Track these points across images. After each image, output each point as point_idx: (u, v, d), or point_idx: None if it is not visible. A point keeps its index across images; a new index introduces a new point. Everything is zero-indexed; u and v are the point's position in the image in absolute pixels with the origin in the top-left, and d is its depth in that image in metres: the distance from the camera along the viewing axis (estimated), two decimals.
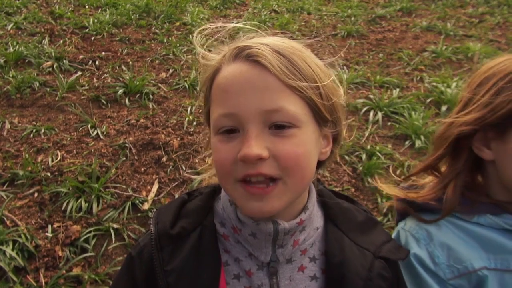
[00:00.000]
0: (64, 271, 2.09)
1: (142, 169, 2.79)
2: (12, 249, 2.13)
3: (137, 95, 3.67)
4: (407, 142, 3.20)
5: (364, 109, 3.56)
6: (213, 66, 0.76)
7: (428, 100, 3.74)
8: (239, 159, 0.68)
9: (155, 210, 0.88)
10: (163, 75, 4.10)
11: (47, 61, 4.10)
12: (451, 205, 0.91)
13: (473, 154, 0.92)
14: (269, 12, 6.24)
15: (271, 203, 0.70)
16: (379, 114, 3.48)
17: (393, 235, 1.04)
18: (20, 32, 4.76)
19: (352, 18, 6.01)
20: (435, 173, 0.99)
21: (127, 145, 2.96)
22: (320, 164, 0.84)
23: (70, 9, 5.57)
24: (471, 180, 0.95)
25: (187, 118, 3.30)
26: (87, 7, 5.70)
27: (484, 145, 0.90)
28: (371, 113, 3.50)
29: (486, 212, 0.90)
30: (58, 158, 2.81)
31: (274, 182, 0.70)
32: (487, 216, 0.89)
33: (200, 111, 3.47)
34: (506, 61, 0.91)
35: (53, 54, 4.19)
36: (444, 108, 3.59)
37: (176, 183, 2.71)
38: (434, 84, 4.04)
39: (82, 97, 3.60)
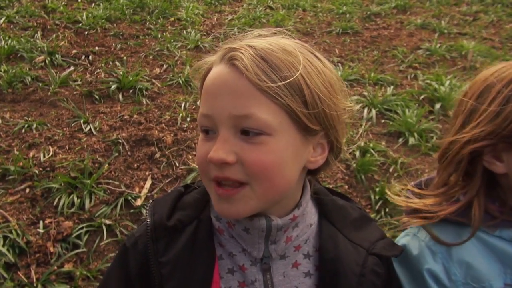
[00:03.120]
0: (55, 267, 2.08)
1: (135, 165, 2.78)
2: (3, 245, 2.11)
3: (131, 91, 3.64)
4: (400, 139, 3.21)
5: (358, 106, 3.55)
6: (207, 67, 0.77)
7: (422, 98, 3.75)
8: (207, 161, 0.70)
9: (151, 201, 0.89)
10: (157, 70, 4.07)
11: (40, 56, 4.05)
12: (479, 223, 0.85)
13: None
14: (264, 8, 6.22)
15: (236, 206, 0.71)
16: (373, 111, 3.48)
17: (401, 239, 1.00)
18: (12, 26, 4.70)
19: (347, 15, 6.01)
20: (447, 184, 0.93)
21: (120, 140, 2.94)
22: (313, 171, 0.82)
23: (63, 3, 5.50)
24: (494, 191, 0.89)
25: (180, 114, 3.29)
26: (80, 1, 5.64)
27: (494, 158, 0.84)
28: (365, 110, 3.51)
29: (510, 226, 0.85)
30: (50, 154, 2.78)
31: (242, 186, 0.70)
32: (511, 230, 0.85)
33: (194, 107, 3.46)
34: (505, 68, 0.86)
35: (45, 48, 4.14)
36: (437, 105, 3.61)
37: (169, 179, 2.70)
38: (428, 81, 4.05)
39: (75, 92, 3.56)
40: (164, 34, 4.91)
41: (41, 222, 2.29)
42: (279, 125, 0.69)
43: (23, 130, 3.03)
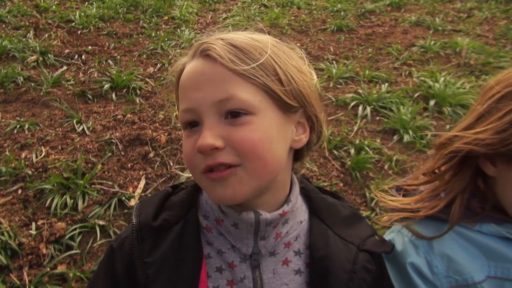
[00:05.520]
0: (48, 269, 2.05)
1: (129, 165, 2.76)
2: None
3: (124, 90, 3.62)
4: (395, 137, 3.21)
5: (353, 103, 3.56)
6: (179, 69, 0.79)
7: (416, 95, 3.75)
8: (196, 151, 0.70)
9: (138, 201, 0.88)
10: (151, 69, 4.05)
11: (32, 56, 4.01)
12: (458, 219, 0.86)
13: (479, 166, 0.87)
14: (258, 6, 6.20)
15: (232, 188, 0.70)
16: (368, 109, 3.48)
17: (387, 236, 1.01)
18: (4, 26, 4.66)
19: (342, 13, 6.00)
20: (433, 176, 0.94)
21: (113, 140, 2.91)
22: (299, 154, 0.84)
23: (55, 2, 5.46)
24: (475, 187, 0.90)
25: (174, 113, 3.27)
26: (73, 0, 5.60)
27: (488, 160, 0.84)
28: (360, 108, 3.50)
29: (489, 221, 0.86)
30: (43, 154, 2.75)
31: (234, 167, 0.70)
32: (490, 225, 0.86)
33: None
34: None
35: (38, 48, 4.11)
36: (432, 102, 3.61)
37: (163, 179, 2.68)
38: (423, 78, 4.05)
39: (68, 92, 3.53)
40: (158, 33, 4.89)
41: (33, 223, 2.26)
42: (260, 103, 0.71)
43: (15, 131, 3.00)
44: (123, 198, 2.48)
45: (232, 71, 0.70)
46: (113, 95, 3.54)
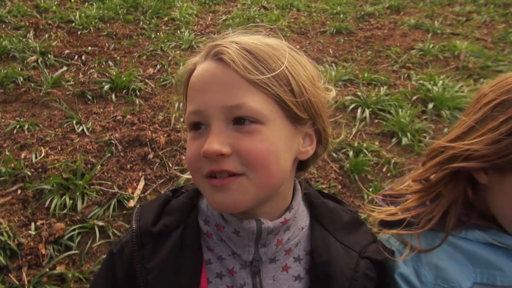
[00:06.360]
0: (47, 269, 2.06)
1: (128, 166, 2.76)
2: None
3: (124, 91, 3.63)
4: (393, 139, 3.22)
5: (352, 106, 3.57)
6: (190, 68, 0.77)
7: (415, 98, 3.76)
8: (201, 155, 0.68)
9: (138, 206, 0.87)
10: (151, 70, 4.06)
11: (32, 56, 4.02)
12: (451, 229, 0.85)
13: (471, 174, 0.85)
14: (258, 8, 6.22)
15: (233, 196, 0.69)
16: (367, 111, 3.49)
17: None
18: (4, 26, 4.66)
19: (341, 15, 6.02)
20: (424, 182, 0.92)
21: (113, 141, 2.92)
22: (303, 164, 0.83)
23: (55, 2, 5.46)
24: (464, 195, 0.88)
25: (174, 115, 3.28)
26: (73, 1, 5.60)
27: (481, 168, 0.82)
28: (359, 110, 3.52)
29: (474, 228, 0.86)
30: (42, 155, 2.76)
31: (238, 175, 0.69)
32: (475, 231, 0.86)
33: None
34: None
35: (38, 48, 4.11)
36: (430, 105, 3.62)
37: (162, 180, 2.69)
38: (421, 81, 4.06)
39: (68, 93, 3.54)
40: (158, 34, 4.90)
41: (32, 223, 2.27)
42: (270, 113, 0.70)
43: (14, 131, 3.01)
44: (122, 199, 2.49)
45: (244, 78, 0.68)
46: (113, 96, 3.55)
